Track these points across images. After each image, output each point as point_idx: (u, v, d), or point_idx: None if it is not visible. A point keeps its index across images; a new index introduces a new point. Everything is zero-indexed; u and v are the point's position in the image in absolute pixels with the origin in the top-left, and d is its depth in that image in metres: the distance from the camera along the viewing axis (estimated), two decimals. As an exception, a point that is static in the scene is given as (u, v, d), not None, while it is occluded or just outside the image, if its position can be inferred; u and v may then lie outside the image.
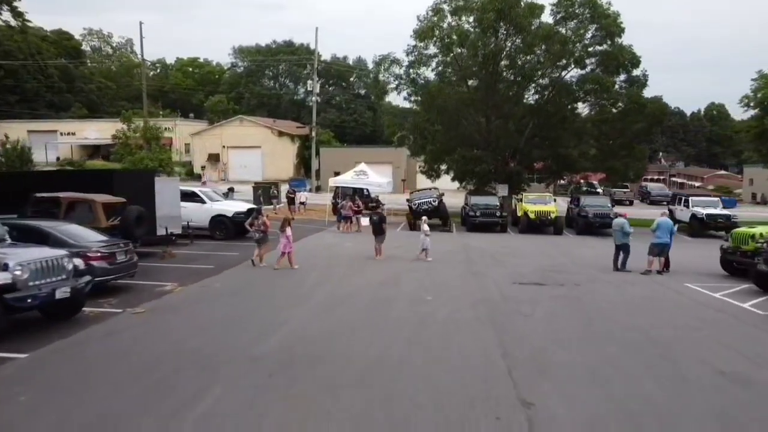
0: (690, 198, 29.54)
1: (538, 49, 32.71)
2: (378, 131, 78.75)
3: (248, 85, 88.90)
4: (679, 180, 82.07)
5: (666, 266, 16.36)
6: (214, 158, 60.91)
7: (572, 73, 33.63)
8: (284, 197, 34.05)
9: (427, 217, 29.17)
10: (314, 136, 52.12)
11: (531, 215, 27.96)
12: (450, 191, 33.67)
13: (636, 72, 32.99)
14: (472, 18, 32.75)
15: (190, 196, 22.14)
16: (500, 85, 34.17)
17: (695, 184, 74.07)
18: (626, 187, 51.29)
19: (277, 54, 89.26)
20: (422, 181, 42.59)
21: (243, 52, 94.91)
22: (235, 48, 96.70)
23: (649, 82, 32.82)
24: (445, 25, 33.08)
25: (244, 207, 22.76)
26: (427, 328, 9.62)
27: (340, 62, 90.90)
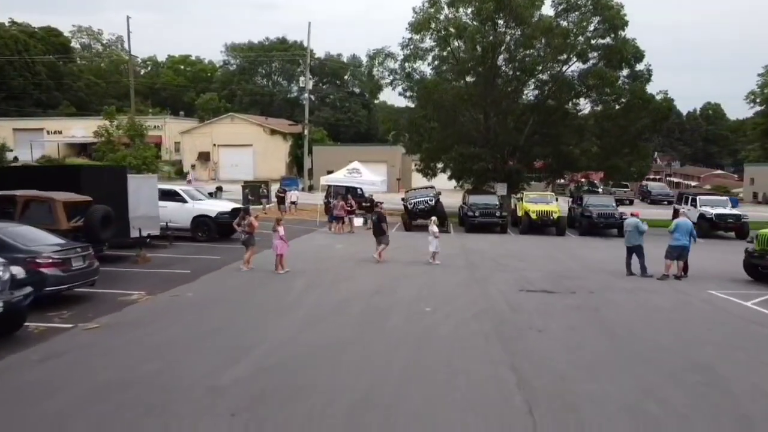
0: (698, 197, 28.24)
1: (538, 43, 31.40)
2: (373, 130, 77.37)
3: (240, 83, 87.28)
4: (675, 180, 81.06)
5: (684, 271, 15.03)
6: (205, 157, 59.35)
7: (573, 68, 32.38)
8: (274, 196, 32.60)
9: (424, 217, 28.20)
10: (307, 134, 50.62)
11: (532, 215, 26.65)
12: (446, 190, 32.31)
13: (639, 67, 31.73)
14: (470, 10, 31.38)
15: (171, 195, 20.72)
16: (499, 80, 32.86)
17: (692, 183, 73.09)
18: (626, 187, 50.07)
19: (270, 51, 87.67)
20: (418, 180, 41.16)
21: (235, 50, 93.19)
22: (227, 45, 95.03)
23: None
24: (442, 17, 31.75)
25: (229, 206, 21.34)
26: (427, 349, 8.22)
27: (334, 59, 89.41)
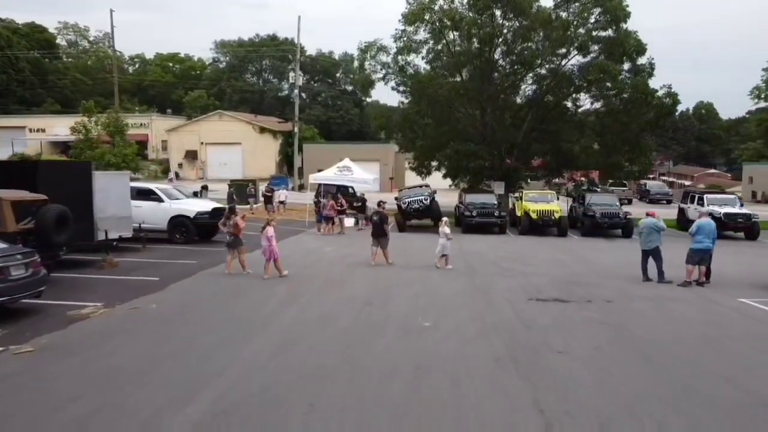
0: (705, 196, 26.97)
1: (537, 36, 30.06)
2: (365, 128, 75.89)
3: (230, 80, 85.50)
4: (669, 179, 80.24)
5: (707, 276, 13.67)
6: (192, 155, 57.69)
7: (573, 62, 31.02)
8: (261, 196, 31.05)
9: (418, 217, 26.82)
10: (297, 131, 49.05)
11: (533, 215, 25.28)
12: (441, 190, 30.85)
13: (641, 61, 30.44)
14: (465, 0, 30.02)
15: (146, 194, 19.22)
16: (496, 74, 31.50)
17: (685, 182, 72.37)
18: (624, 185, 48.75)
19: (260, 48, 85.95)
20: (411, 179, 39.71)
21: (225, 47, 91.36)
22: (217, 42, 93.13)
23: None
24: (436, 7, 30.23)
25: (209, 206, 19.83)
26: (428, 378, 6.77)
27: (326, 57, 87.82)
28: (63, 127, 60.88)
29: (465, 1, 30.01)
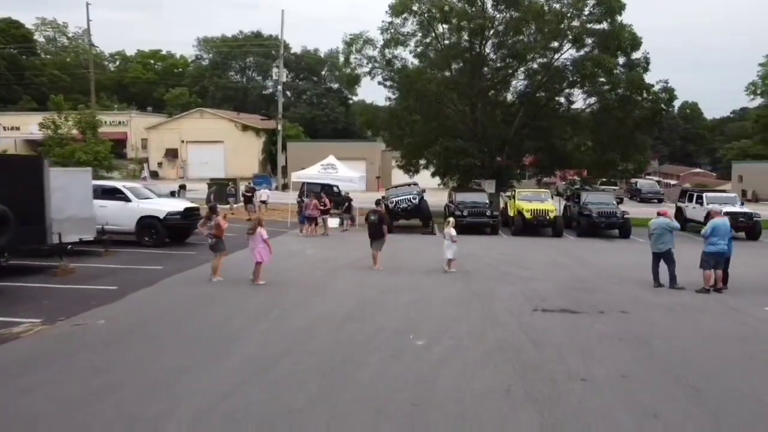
0: (704, 194, 25.93)
1: (529, 29, 28.85)
2: (351, 127, 74.43)
3: (213, 78, 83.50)
4: (655, 178, 79.90)
5: (724, 281, 12.48)
6: (172, 154, 55.92)
7: (566, 56, 29.84)
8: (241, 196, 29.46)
9: (406, 217, 25.47)
10: (280, 129, 47.50)
11: (526, 214, 24.09)
12: (430, 189, 29.51)
13: (636, 55, 29.33)
14: (456, -10, 28.74)
15: (111, 193, 17.71)
16: (486, 68, 30.26)
17: (671, 182, 72.02)
18: (615, 184, 47.70)
19: (244, 45, 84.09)
20: (399, 178, 38.34)
21: (208, 43, 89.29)
22: (200, 39, 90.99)
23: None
24: (425, -3, 28.92)
25: (181, 206, 18.32)
26: (425, 420, 5.41)
27: (311, 54, 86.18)
28: (38, 125, 58.93)
29: (455, -9, 28.73)
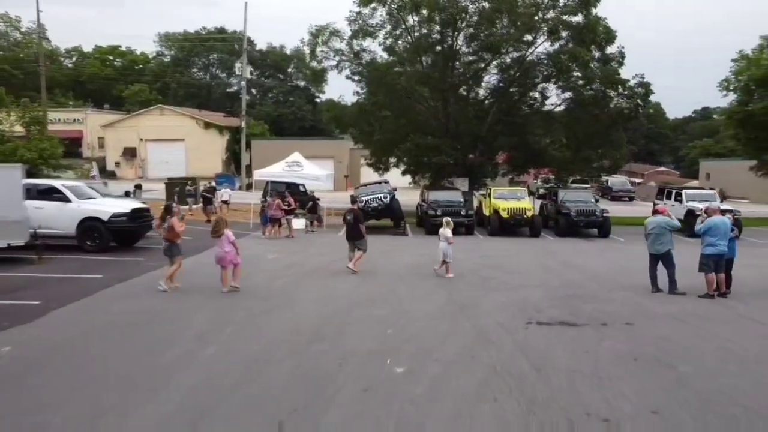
0: (683, 191, 25.21)
1: (501, 22, 27.77)
2: (319, 125, 72.64)
3: (175, 74, 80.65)
4: (621, 177, 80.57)
5: (727, 285, 11.42)
6: (131, 153, 53.37)
7: (540, 50, 28.87)
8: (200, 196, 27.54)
9: (377, 217, 24.04)
10: (244, 126, 45.56)
11: (503, 214, 22.98)
12: (401, 188, 28.14)
13: (611, 49, 28.55)
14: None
15: (48, 193, 15.89)
16: (458, 62, 29.09)
17: (636, 180, 72.74)
18: (586, 182, 47.13)
19: (207, 41, 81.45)
20: (368, 177, 36.89)
21: (170, 39, 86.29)
22: (161, 35, 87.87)
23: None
24: (395, -13, 27.55)
25: (127, 207, 16.52)
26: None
27: (276, 51, 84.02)
28: (-15, 124, 55.65)
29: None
